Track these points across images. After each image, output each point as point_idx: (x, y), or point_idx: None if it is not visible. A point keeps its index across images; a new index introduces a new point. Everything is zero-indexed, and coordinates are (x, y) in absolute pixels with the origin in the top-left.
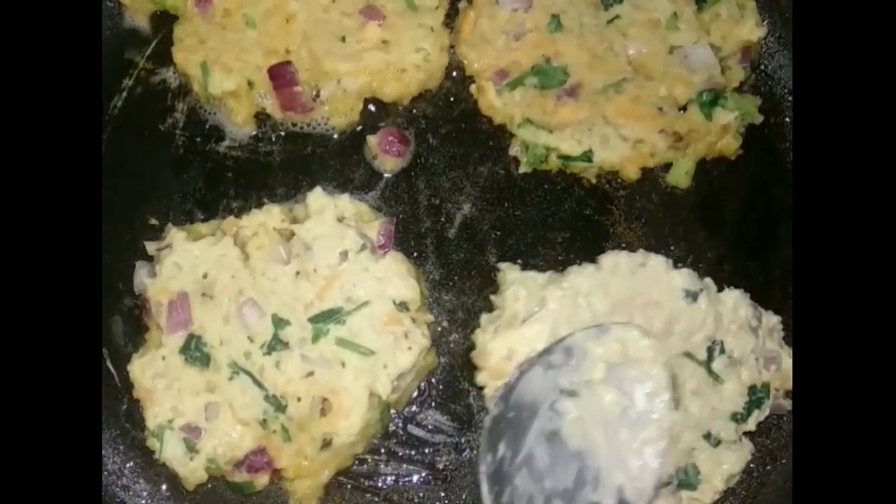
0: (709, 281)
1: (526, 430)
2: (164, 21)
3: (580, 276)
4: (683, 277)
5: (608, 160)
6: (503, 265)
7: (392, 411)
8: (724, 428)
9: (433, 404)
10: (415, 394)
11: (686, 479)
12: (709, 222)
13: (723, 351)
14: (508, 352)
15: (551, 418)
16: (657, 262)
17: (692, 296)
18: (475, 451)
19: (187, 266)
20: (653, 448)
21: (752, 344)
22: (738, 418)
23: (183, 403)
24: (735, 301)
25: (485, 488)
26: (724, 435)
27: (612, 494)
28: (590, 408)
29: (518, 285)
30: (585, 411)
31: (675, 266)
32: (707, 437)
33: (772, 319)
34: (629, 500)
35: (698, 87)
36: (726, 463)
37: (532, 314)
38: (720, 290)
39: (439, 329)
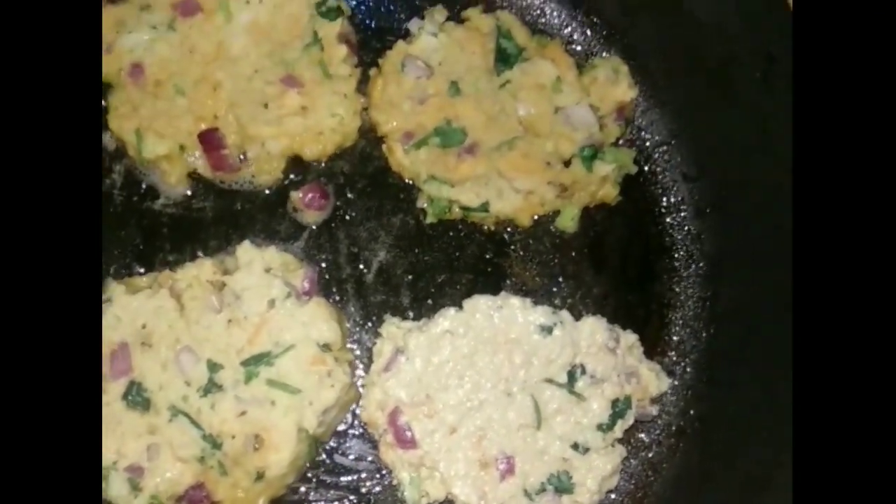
0: (564, 313)
1: None
2: None
3: (444, 322)
4: (538, 314)
5: (503, 210)
6: (385, 321)
7: (319, 443)
8: (591, 437)
9: (356, 434)
10: (339, 426)
11: (561, 485)
12: (594, 262)
13: (584, 372)
14: (377, 403)
15: None
16: (514, 303)
17: (547, 329)
18: (395, 478)
19: (127, 318)
20: None
21: (612, 363)
22: (604, 428)
23: (126, 446)
24: (592, 327)
25: None
26: (593, 444)
27: None
28: None
29: (382, 339)
30: None
31: (563, 303)
32: (575, 447)
33: (629, 338)
34: None
35: (580, 143)
36: (597, 467)
37: (395, 364)
38: (578, 318)
39: (360, 366)
